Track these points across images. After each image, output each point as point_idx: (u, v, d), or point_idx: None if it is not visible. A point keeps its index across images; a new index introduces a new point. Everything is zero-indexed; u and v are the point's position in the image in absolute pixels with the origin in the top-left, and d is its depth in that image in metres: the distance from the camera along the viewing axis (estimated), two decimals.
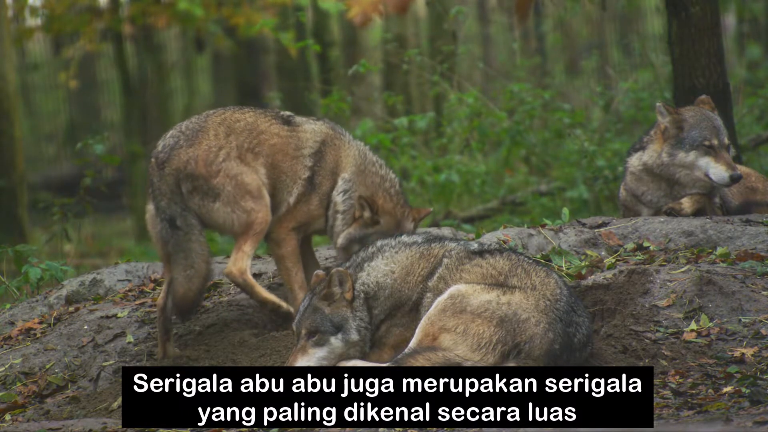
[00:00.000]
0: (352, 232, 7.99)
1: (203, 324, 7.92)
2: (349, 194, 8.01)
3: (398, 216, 8.06)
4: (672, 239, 8.32)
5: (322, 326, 6.86)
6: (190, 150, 7.72)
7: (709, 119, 8.74)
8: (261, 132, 7.89)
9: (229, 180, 7.71)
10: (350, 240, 7.99)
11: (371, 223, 8.01)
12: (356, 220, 8.01)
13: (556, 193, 15.80)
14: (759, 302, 7.23)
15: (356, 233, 8.00)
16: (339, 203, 7.99)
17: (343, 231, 7.99)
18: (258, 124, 7.90)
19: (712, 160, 8.67)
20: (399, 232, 7.97)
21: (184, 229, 7.64)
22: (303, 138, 7.96)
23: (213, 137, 7.78)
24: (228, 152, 7.75)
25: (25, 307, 8.74)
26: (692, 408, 5.99)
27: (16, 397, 7.50)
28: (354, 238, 7.99)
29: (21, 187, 16.41)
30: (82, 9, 21.93)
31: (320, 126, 8.05)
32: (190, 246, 7.62)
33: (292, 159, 7.92)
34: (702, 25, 10.40)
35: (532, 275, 6.82)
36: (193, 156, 7.72)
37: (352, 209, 8.02)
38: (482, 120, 16.05)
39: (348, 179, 8.01)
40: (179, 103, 25.71)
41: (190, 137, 7.76)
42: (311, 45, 16.12)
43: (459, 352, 6.63)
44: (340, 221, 8.00)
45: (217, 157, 7.74)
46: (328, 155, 7.99)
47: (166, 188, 7.67)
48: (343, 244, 7.99)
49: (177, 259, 7.64)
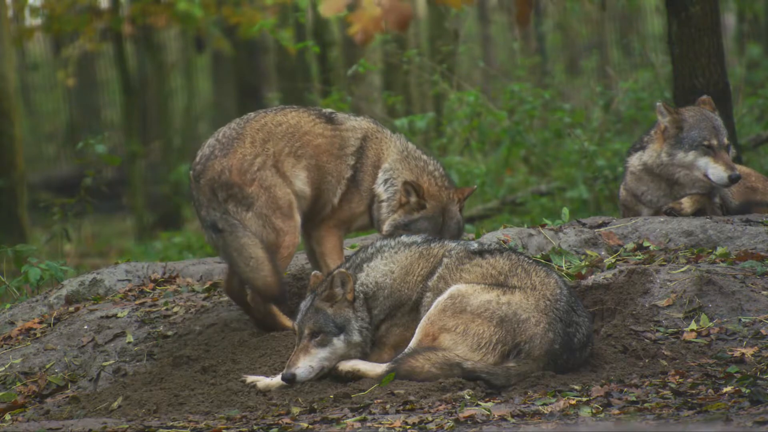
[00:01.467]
0: (397, 218, 7.92)
1: (203, 324, 7.92)
2: (390, 182, 7.95)
3: (444, 199, 7.99)
4: (672, 239, 8.32)
5: (326, 327, 6.86)
6: (224, 160, 7.69)
7: (709, 119, 8.74)
8: (304, 133, 7.83)
9: (263, 191, 7.65)
10: (395, 226, 7.91)
11: (417, 207, 7.94)
12: (402, 206, 7.94)
13: (556, 193, 15.80)
14: (759, 302, 7.23)
15: (402, 219, 7.93)
16: (381, 193, 7.92)
17: (388, 218, 7.93)
18: (301, 125, 7.84)
19: (711, 160, 8.66)
20: (445, 216, 7.93)
21: (228, 229, 7.59)
22: (346, 137, 7.90)
23: (249, 145, 7.73)
24: (264, 160, 7.70)
25: (25, 307, 8.74)
26: (692, 408, 5.99)
27: (16, 396, 7.50)
28: (399, 225, 7.91)
29: (21, 187, 16.41)
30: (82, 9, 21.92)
31: (361, 122, 8.00)
32: (240, 242, 7.55)
33: (337, 159, 7.88)
34: (702, 25, 10.40)
35: (532, 275, 6.82)
36: (227, 166, 7.68)
37: (396, 195, 7.94)
38: (482, 120, 16.05)
39: (389, 168, 7.95)
40: (179, 103, 25.71)
41: (226, 146, 7.73)
42: (311, 46, 16.12)
43: (459, 352, 6.63)
44: (384, 209, 7.93)
45: (252, 165, 7.70)
46: (369, 150, 7.95)
47: (203, 198, 7.66)
48: (388, 231, 7.90)
49: (233, 259, 7.58)
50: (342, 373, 6.83)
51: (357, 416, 6.26)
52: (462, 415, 6.07)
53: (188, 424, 6.36)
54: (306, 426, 6.14)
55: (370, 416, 6.25)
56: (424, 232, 7.78)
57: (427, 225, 7.92)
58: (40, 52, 25.75)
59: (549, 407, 6.17)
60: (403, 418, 6.12)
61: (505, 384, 6.57)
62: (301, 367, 6.83)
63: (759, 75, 18.70)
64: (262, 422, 6.30)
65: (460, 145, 16.48)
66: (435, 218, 7.90)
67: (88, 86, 25.57)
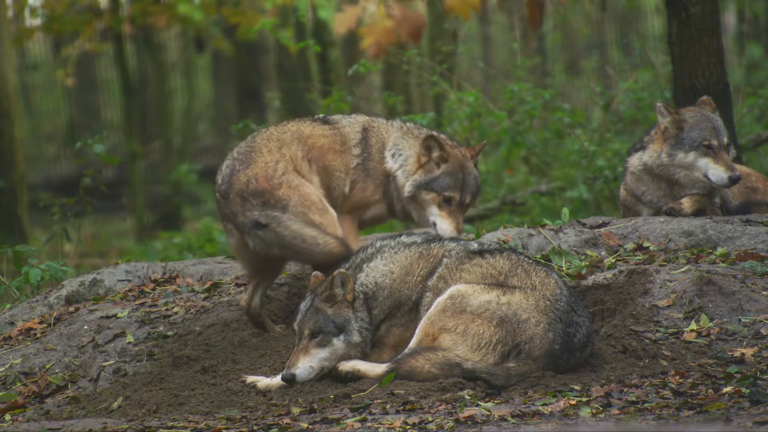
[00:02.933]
0: (418, 178, 7.91)
1: (203, 324, 7.92)
2: (398, 153, 7.95)
3: (460, 155, 8.00)
4: (672, 239, 8.32)
5: (326, 327, 6.86)
6: (248, 171, 7.70)
7: (709, 120, 8.73)
8: (308, 137, 7.87)
9: (292, 191, 7.66)
10: (417, 186, 7.90)
11: (439, 161, 7.92)
12: (421, 166, 7.93)
13: (556, 193, 15.80)
14: (759, 302, 7.23)
15: (423, 178, 7.91)
16: (392, 166, 7.93)
17: (407, 181, 7.93)
18: (302, 130, 7.89)
19: (711, 160, 8.66)
20: (464, 172, 7.91)
21: (273, 221, 7.55)
22: (345, 132, 7.95)
23: (267, 153, 7.76)
24: (285, 165, 7.72)
25: (25, 307, 8.74)
26: (692, 408, 5.99)
27: (16, 397, 7.50)
28: (421, 184, 7.90)
29: (21, 187, 16.41)
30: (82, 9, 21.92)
31: (356, 117, 8.06)
32: (292, 227, 7.52)
33: (342, 154, 7.91)
34: (702, 25, 10.40)
35: (532, 275, 6.82)
36: (252, 175, 7.69)
37: (409, 160, 7.93)
38: (482, 120, 16.04)
39: (392, 144, 7.97)
40: (179, 103, 25.71)
41: (245, 159, 7.75)
42: (311, 45, 16.12)
43: (459, 353, 6.63)
44: (401, 176, 7.91)
45: (276, 170, 7.71)
46: (372, 139, 7.97)
47: (236, 207, 7.64)
48: (411, 191, 7.88)
49: (293, 245, 7.55)
50: (342, 373, 6.83)
51: (357, 416, 6.26)
52: (462, 416, 6.07)
53: (188, 425, 6.36)
54: (306, 426, 6.14)
55: (370, 416, 6.25)
56: (446, 188, 7.84)
57: (449, 181, 7.92)
58: (40, 52, 25.75)
59: (549, 407, 6.17)
60: (403, 419, 6.13)
61: (505, 384, 6.58)
62: (301, 368, 6.83)
63: (759, 75, 18.69)
64: (262, 422, 6.31)
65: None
66: (455, 174, 7.90)
67: (88, 86, 25.57)
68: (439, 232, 7.85)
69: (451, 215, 7.92)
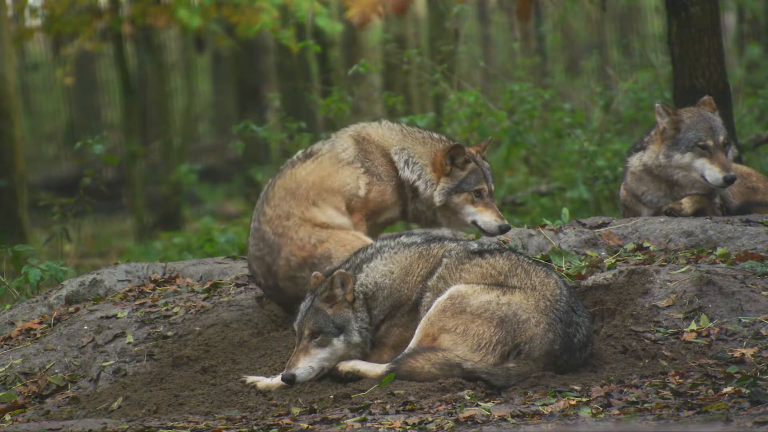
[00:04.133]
0: (446, 186, 7.90)
1: (203, 324, 7.92)
2: (411, 161, 7.93)
3: (473, 154, 8.00)
4: (672, 239, 8.32)
5: (326, 327, 6.86)
6: (282, 254, 7.73)
7: (706, 120, 8.72)
8: (297, 187, 7.81)
9: (328, 243, 7.69)
10: (448, 193, 7.86)
11: (464, 164, 7.93)
12: (445, 175, 7.92)
13: (556, 193, 15.80)
14: (759, 302, 7.23)
15: (450, 185, 7.89)
16: (409, 176, 7.92)
17: (434, 191, 7.92)
18: (287, 185, 7.82)
19: (707, 161, 8.65)
20: (481, 166, 7.91)
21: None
22: (332, 155, 7.87)
23: (282, 232, 7.73)
24: (306, 229, 7.72)
25: (25, 308, 8.74)
26: (692, 408, 5.99)
27: (16, 397, 7.50)
28: (451, 190, 7.87)
29: (21, 187, 16.41)
30: (82, 9, 21.92)
31: (341, 133, 8.00)
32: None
33: (338, 173, 7.83)
34: (702, 25, 10.40)
35: (532, 275, 6.82)
36: (288, 254, 7.72)
37: (427, 169, 7.92)
38: (482, 120, 16.04)
39: (400, 149, 7.94)
40: (179, 103, 25.71)
41: (270, 250, 7.75)
42: (311, 45, 16.11)
43: (459, 353, 6.63)
44: (423, 187, 7.91)
45: (303, 237, 7.71)
46: (369, 147, 7.93)
47: (293, 289, 7.67)
48: (442, 200, 7.87)
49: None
50: (342, 373, 6.83)
51: (357, 416, 6.26)
52: (462, 416, 6.07)
53: (188, 425, 6.36)
54: (306, 426, 6.14)
55: (370, 416, 6.25)
56: (474, 184, 7.85)
57: (475, 177, 7.93)
58: (40, 53, 25.75)
59: (549, 407, 6.17)
60: (403, 419, 6.12)
61: (505, 384, 6.58)
62: (301, 368, 6.83)
63: (759, 75, 18.69)
64: (262, 423, 6.31)
65: None
66: (476, 170, 7.89)
67: (88, 86, 25.57)
68: (484, 227, 7.87)
69: (488, 206, 7.93)
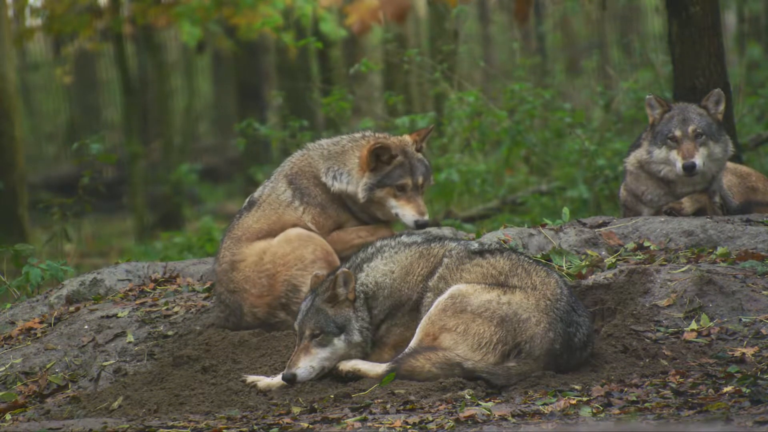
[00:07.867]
0: (367, 181, 7.93)
1: (203, 324, 7.92)
2: (336, 173, 7.96)
3: (400, 144, 7.98)
4: (672, 239, 8.32)
5: (327, 327, 6.86)
6: (245, 311, 7.79)
7: (682, 111, 8.66)
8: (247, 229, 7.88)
9: (282, 267, 7.74)
10: (369, 188, 7.87)
11: (389, 160, 7.91)
12: (370, 170, 7.93)
13: (556, 193, 15.79)
14: (759, 302, 7.24)
15: (372, 180, 7.90)
16: (339, 186, 7.94)
17: (357, 188, 7.95)
18: (241, 227, 7.91)
19: (675, 152, 8.61)
20: (407, 157, 7.92)
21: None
22: (273, 197, 7.96)
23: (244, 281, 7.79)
24: (254, 260, 7.79)
25: (25, 307, 8.74)
26: (692, 408, 5.99)
27: (16, 396, 7.50)
28: (373, 185, 7.89)
29: (21, 187, 16.41)
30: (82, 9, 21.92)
31: (276, 175, 8.06)
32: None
33: (284, 214, 7.92)
34: (702, 25, 10.40)
35: (533, 275, 6.82)
36: (251, 307, 7.78)
37: (352, 174, 7.94)
38: (482, 119, 16.04)
39: (326, 170, 7.98)
40: (179, 103, 25.72)
41: (233, 304, 7.82)
42: (313, 42, 16.10)
43: (459, 352, 6.63)
44: (351, 187, 7.93)
45: (260, 277, 7.77)
46: (301, 182, 7.99)
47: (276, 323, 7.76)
48: (365, 196, 7.88)
49: None
50: (342, 372, 6.83)
51: (357, 416, 6.26)
52: (462, 415, 6.08)
53: (188, 424, 6.36)
54: (306, 426, 6.14)
55: (370, 416, 6.25)
56: (396, 179, 7.86)
57: (398, 171, 7.94)
58: (40, 53, 25.76)
59: (549, 407, 6.17)
60: (404, 418, 6.13)
61: (506, 384, 6.58)
62: (301, 367, 6.83)
63: (759, 75, 18.69)
64: (262, 422, 6.31)
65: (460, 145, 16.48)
66: (402, 163, 7.91)
67: (88, 86, 25.58)
68: (403, 220, 7.92)
69: (410, 200, 7.94)
